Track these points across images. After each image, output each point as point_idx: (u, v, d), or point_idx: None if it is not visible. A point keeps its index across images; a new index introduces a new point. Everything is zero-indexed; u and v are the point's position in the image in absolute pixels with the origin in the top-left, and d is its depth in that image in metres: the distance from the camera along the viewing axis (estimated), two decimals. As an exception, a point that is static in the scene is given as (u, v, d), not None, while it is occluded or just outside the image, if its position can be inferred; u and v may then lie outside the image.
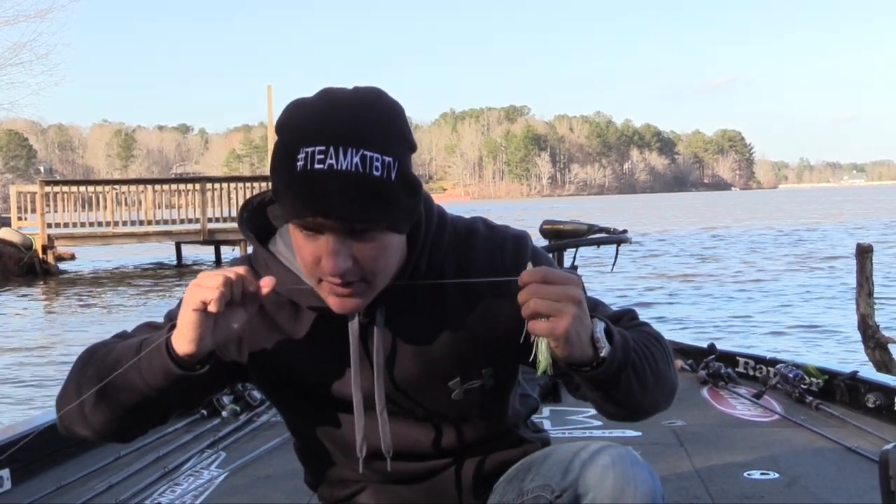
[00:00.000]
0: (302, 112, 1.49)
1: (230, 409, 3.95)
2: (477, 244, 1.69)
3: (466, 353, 1.67)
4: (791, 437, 3.53)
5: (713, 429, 3.71)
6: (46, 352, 12.35)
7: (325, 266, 1.49)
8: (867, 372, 4.06)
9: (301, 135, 1.46)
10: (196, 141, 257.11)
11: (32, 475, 3.18)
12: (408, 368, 1.66)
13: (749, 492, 2.91)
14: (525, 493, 1.66)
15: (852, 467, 3.11)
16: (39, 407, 8.15)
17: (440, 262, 1.65)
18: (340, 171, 1.43)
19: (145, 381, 1.53)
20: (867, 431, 3.47)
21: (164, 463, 3.31)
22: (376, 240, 1.50)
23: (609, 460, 1.56)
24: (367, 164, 1.44)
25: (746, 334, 12.19)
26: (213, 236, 25.14)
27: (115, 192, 25.11)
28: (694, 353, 4.81)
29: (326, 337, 1.66)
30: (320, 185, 1.43)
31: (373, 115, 1.48)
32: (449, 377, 1.68)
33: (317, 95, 1.52)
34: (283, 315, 1.67)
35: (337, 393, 1.68)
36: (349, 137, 1.44)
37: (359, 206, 1.45)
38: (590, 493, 1.55)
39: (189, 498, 2.98)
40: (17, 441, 3.20)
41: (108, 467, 3.27)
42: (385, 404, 1.66)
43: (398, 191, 1.48)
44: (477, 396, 1.71)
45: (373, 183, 1.45)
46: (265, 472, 3.25)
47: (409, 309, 1.64)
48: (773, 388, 4.17)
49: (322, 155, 1.43)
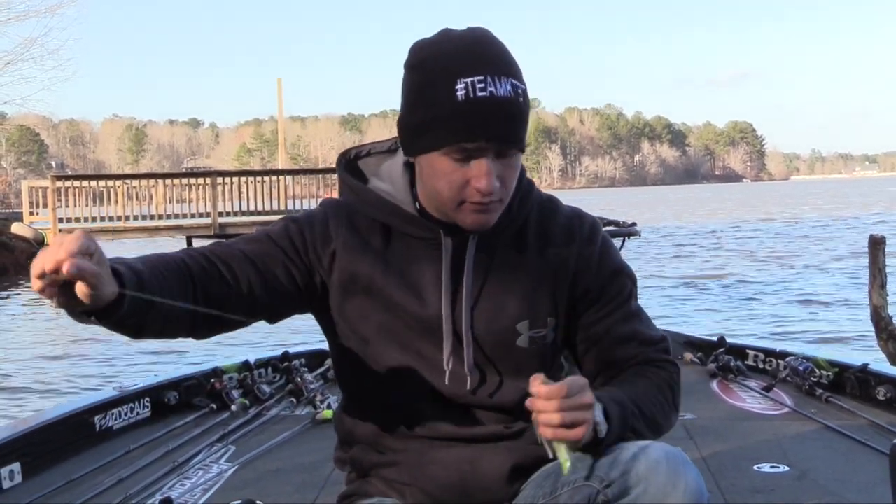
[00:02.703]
0: (446, 48, 1.65)
1: (239, 402, 3.96)
2: (559, 209, 1.85)
3: (536, 297, 1.77)
4: (801, 430, 3.53)
5: (723, 422, 3.71)
6: (62, 344, 12.38)
7: (480, 186, 1.63)
8: (878, 364, 4.04)
9: (455, 67, 1.61)
10: (207, 135, 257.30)
11: (42, 469, 3.19)
12: (488, 297, 1.76)
13: (759, 485, 2.91)
14: (565, 485, 1.69)
15: (863, 460, 3.11)
16: (52, 400, 8.17)
17: (527, 212, 1.80)
18: (501, 97, 1.60)
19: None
20: (878, 424, 3.46)
21: (174, 457, 3.31)
22: (514, 161, 1.68)
23: (662, 456, 1.61)
24: (516, 90, 1.62)
25: (756, 326, 12.17)
26: (223, 230, 25.12)
27: (126, 187, 25.14)
28: (704, 346, 4.80)
29: (417, 260, 1.77)
30: (485, 110, 1.60)
31: (505, 49, 1.67)
32: (519, 318, 1.76)
33: (443, 34, 1.68)
34: (376, 238, 1.78)
35: (420, 313, 1.75)
36: (502, 67, 1.62)
37: (515, 129, 1.64)
38: (640, 484, 1.59)
39: (198, 492, 2.98)
40: (27, 435, 3.22)
41: (117, 461, 3.28)
42: (471, 320, 1.75)
43: (527, 115, 1.67)
44: (539, 348, 1.78)
45: (521, 107, 1.64)
46: (274, 465, 3.26)
47: (497, 243, 1.77)
48: (783, 380, 4.16)
49: (482, 84, 1.59)
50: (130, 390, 3.82)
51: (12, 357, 11.64)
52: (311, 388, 4.14)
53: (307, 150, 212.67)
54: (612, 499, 1.61)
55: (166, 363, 9.43)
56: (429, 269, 1.76)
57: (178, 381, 4.02)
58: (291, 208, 25.09)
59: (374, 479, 1.86)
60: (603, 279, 1.81)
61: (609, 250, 1.85)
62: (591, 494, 1.64)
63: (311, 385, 4.16)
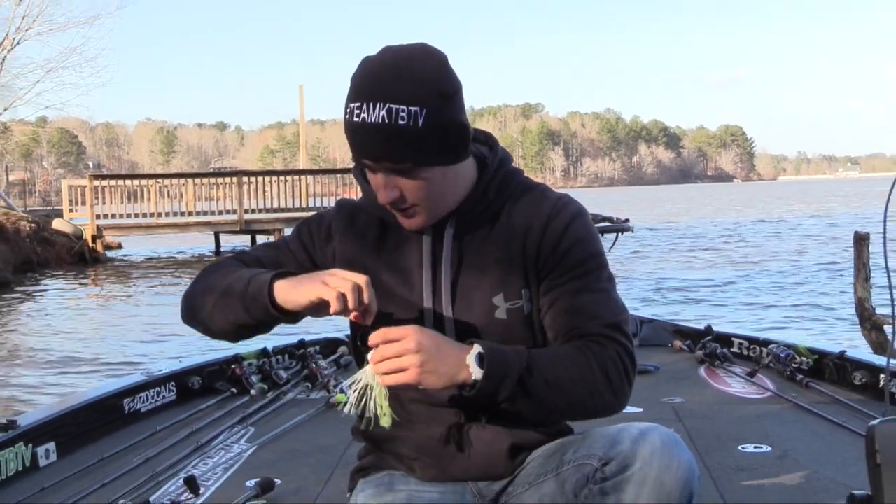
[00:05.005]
0: (356, 72, 1.68)
1: (258, 387, 3.97)
2: (538, 195, 1.84)
3: (509, 273, 1.78)
4: (783, 413, 3.52)
5: (710, 406, 3.70)
6: (95, 333, 12.44)
7: (378, 197, 1.72)
8: (854, 351, 4.03)
9: (350, 92, 1.66)
10: (232, 137, 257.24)
11: (76, 449, 3.21)
12: (465, 276, 1.79)
13: (743, 464, 2.90)
14: (567, 462, 1.70)
15: (840, 441, 3.10)
16: (85, 383, 8.20)
17: (505, 199, 1.81)
18: (370, 122, 1.62)
19: (248, 312, 1.72)
20: (854, 408, 3.45)
21: (197, 437, 3.32)
22: (420, 176, 1.68)
23: (658, 438, 1.61)
24: (393, 115, 1.61)
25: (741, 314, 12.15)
26: (249, 226, 25.21)
27: (158, 186, 25.19)
28: (692, 334, 4.79)
29: (406, 248, 1.82)
30: (357, 135, 1.65)
31: (402, 71, 1.64)
32: (493, 292, 1.77)
33: (370, 56, 1.70)
34: (372, 231, 1.85)
35: (409, 296, 1.80)
36: (376, 93, 1.62)
37: (387, 151, 1.64)
38: (637, 463, 1.58)
39: (220, 470, 2.99)
40: (62, 417, 3.24)
41: (144, 441, 3.29)
42: (452, 294, 1.78)
43: (427, 134, 1.63)
44: (518, 319, 1.77)
45: (398, 131, 1.61)
46: (291, 446, 3.26)
47: (471, 229, 1.80)
48: (766, 367, 4.15)
49: (358, 110, 1.63)
50: (157, 375, 3.84)
51: (50, 342, 11.69)
52: (325, 373, 4.14)
53: (326, 152, 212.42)
54: (609, 476, 1.61)
55: (191, 350, 9.47)
56: (415, 256, 1.81)
57: (201, 367, 4.03)
58: (311, 205, 25.17)
59: (385, 454, 1.88)
60: (563, 251, 1.76)
61: (576, 229, 1.78)
62: (591, 471, 1.64)
63: (324, 371, 4.16)
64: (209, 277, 1.83)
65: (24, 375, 9.55)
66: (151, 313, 14.13)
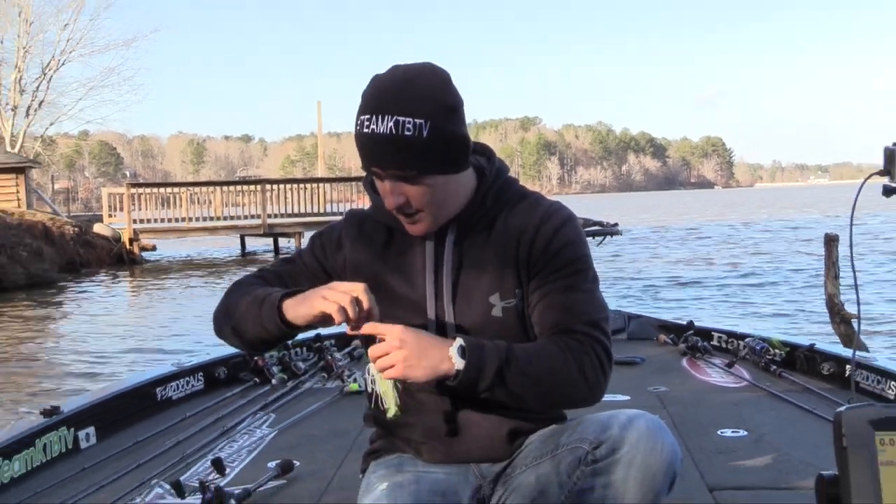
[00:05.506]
0: (366, 88, 1.67)
1: (279, 377, 3.96)
2: (533, 203, 1.82)
3: (504, 274, 1.77)
4: (758, 400, 3.51)
5: (691, 394, 3.69)
6: (131, 327, 12.46)
7: (385, 202, 1.72)
8: (823, 344, 4.02)
9: (361, 106, 1.65)
10: (256, 148, 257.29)
11: (113, 432, 3.21)
12: (465, 277, 1.78)
13: (722, 447, 2.89)
14: (561, 446, 1.70)
15: (810, 426, 3.09)
16: (122, 373, 8.22)
17: (501, 206, 1.80)
18: (379, 133, 1.61)
19: (264, 328, 1.74)
20: (823, 395, 3.44)
21: (223, 423, 3.32)
22: (424, 183, 1.67)
23: (644, 423, 1.61)
24: (400, 126, 1.60)
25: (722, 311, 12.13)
26: (272, 230, 25.23)
27: (189, 193, 25.20)
28: (675, 329, 4.78)
29: (410, 252, 1.81)
30: (367, 144, 1.64)
31: (409, 87, 1.63)
32: (490, 292, 1.76)
33: (379, 74, 1.69)
34: (379, 238, 1.85)
35: (413, 296, 1.79)
36: (384, 107, 1.61)
37: (393, 160, 1.63)
38: (625, 446, 1.59)
39: (244, 453, 2.99)
40: (101, 404, 3.24)
41: (176, 426, 3.29)
42: (453, 294, 1.78)
43: (431, 144, 1.63)
44: (513, 316, 1.76)
45: (404, 141, 1.61)
46: (309, 431, 3.25)
47: (470, 234, 1.79)
48: (743, 358, 4.14)
49: (368, 122, 1.62)
50: (187, 366, 3.84)
51: (91, 335, 11.71)
52: (340, 364, 4.13)
53: (342, 161, 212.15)
54: (600, 458, 1.62)
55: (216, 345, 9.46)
56: (419, 259, 1.80)
57: (227, 359, 4.03)
58: (328, 210, 25.18)
59: (395, 439, 1.88)
60: (553, 252, 1.75)
61: (566, 233, 1.78)
62: (583, 454, 1.64)
63: (339, 362, 4.15)
64: (231, 298, 1.84)
65: (66, 365, 9.58)
66: (182, 309, 14.14)
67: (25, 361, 10.12)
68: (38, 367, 9.68)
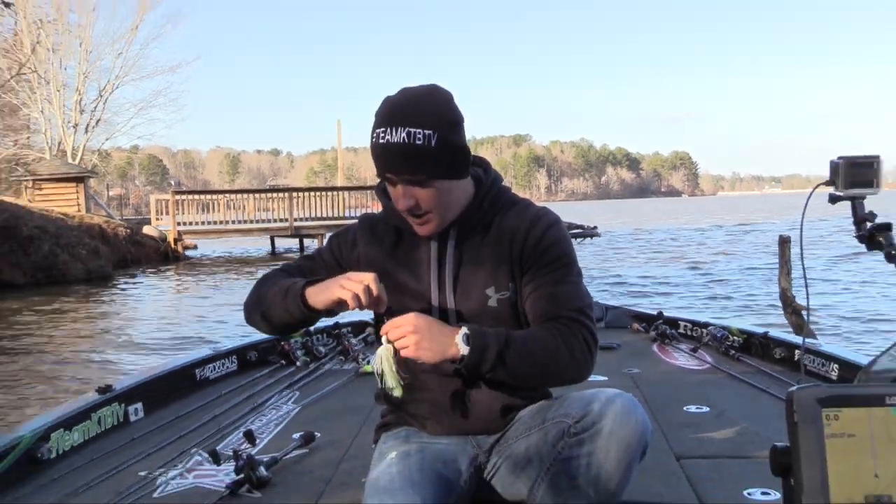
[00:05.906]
0: (381, 105, 1.68)
1: (302, 360, 3.95)
2: (523, 208, 1.82)
3: (498, 269, 1.77)
4: (719, 381, 3.49)
5: (661, 375, 3.68)
6: (176, 316, 12.46)
7: (396, 205, 1.72)
8: (775, 332, 4.01)
9: (377, 120, 1.66)
10: (284, 161, 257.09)
11: (158, 407, 3.20)
12: (464, 272, 1.78)
13: (687, 421, 2.88)
14: (548, 420, 1.71)
15: (764, 404, 3.08)
16: (166, 356, 8.22)
17: (496, 211, 1.80)
18: (392, 142, 1.63)
19: (289, 312, 1.75)
20: (775, 377, 3.43)
21: (254, 399, 3.31)
22: (433, 187, 1.68)
23: (619, 399, 1.63)
24: (412, 136, 1.62)
25: (689, 303, 12.12)
26: (298, 231, 25.27)
27: (225, 199, 25.30)
28: (647, 318, 4.76)
29: (417, 250, 1.81)
30: (382, 153, 1.65)
31: (418, 104, 1.65)
32: (486, 285, 1.76)
33: (390, 95, 1.70)
34: (389, 238, 1.84)
35: (419, 289, 1.79)
36: (397, 120, 1.63)
37: (406, 166, 1.65)
38: (604, 420, 1.60)
39: (272, 425, 2.98)
40: (147, 383, 3.23)
41: (212, 403, 3.28)
42: (454, 287, 1.78)
43: (438, 152, 1.64)
44: (507, 307, 1.76)
45: (415, 149, 1.62)
46: (330, 407, 3.24)
47: (469, 236, 1.79)
48: (706, 344, 4.12)
49: (383, 133, 1.64)
50: (222, 350, 3.83)
51: (140, 323, 11.73)
52: (356, 349, 4.13)
53: (359, 173, 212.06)
54: (581, 430, 1.63)
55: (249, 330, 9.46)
56: (424, 257, 1.80)
57: (257, 344, 4.02)
58: (347, 214, 25.23)
59: (403, 413, 1.88)
60: (542, 250, 1.75)
61: (553, 233, 1.78)
62: (567, 427, 1.65)
63: (355, 347, 4.15)
64: (260, 289, 1.85)
65: (119, 349, 9.59)
66: (219, 300, 14.15)
67: (83, 344, 10.13)
68: (95, 349, 9.70)
